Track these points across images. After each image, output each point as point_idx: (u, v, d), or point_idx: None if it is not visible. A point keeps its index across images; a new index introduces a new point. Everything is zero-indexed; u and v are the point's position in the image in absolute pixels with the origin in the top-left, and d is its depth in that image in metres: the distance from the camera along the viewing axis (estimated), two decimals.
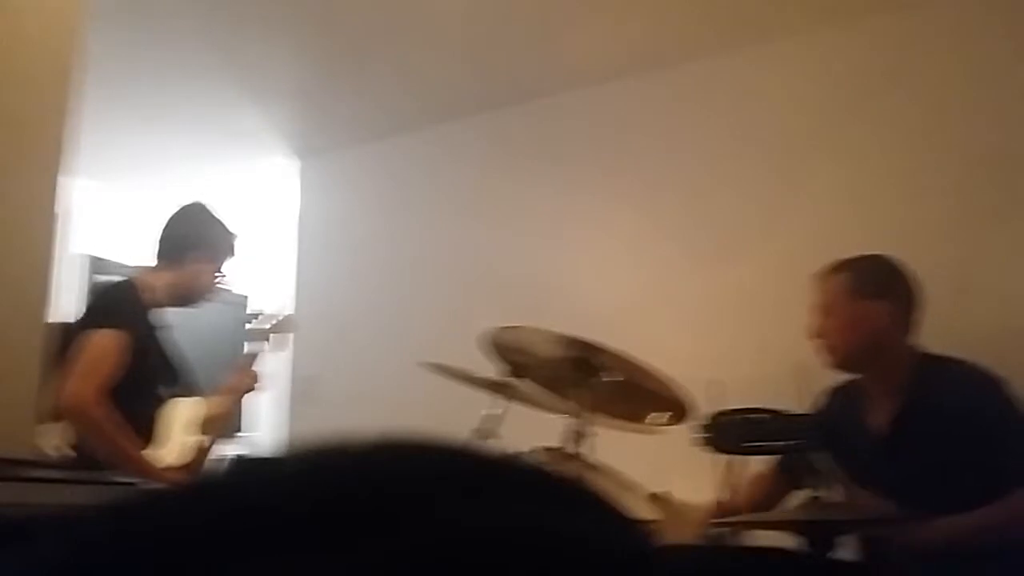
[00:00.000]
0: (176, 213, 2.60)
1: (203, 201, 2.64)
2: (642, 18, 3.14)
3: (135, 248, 4.22)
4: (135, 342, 2.33)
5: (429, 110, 3.85)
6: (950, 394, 2.05)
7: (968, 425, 1.99)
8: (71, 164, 1.99)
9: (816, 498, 1.78)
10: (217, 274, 2.61)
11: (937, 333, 2.37)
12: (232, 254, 2.64)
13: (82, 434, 2.23)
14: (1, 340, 1.82)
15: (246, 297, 4.57)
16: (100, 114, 3.58)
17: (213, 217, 2.61)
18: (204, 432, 2.49)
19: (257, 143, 4.18)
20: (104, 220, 4.47)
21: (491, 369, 2.43)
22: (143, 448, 2.31)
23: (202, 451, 2.46)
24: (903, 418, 2.10)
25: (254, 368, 2.69)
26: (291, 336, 2.93)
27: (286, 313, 2.87)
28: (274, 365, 4.25)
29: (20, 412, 1.85)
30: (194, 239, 2.53)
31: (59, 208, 1.95)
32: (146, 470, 2.24)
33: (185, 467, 2.40)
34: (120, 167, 4.33)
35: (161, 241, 2.55)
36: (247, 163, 4.38)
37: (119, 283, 2.53)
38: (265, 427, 4.25)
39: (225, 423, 2.57)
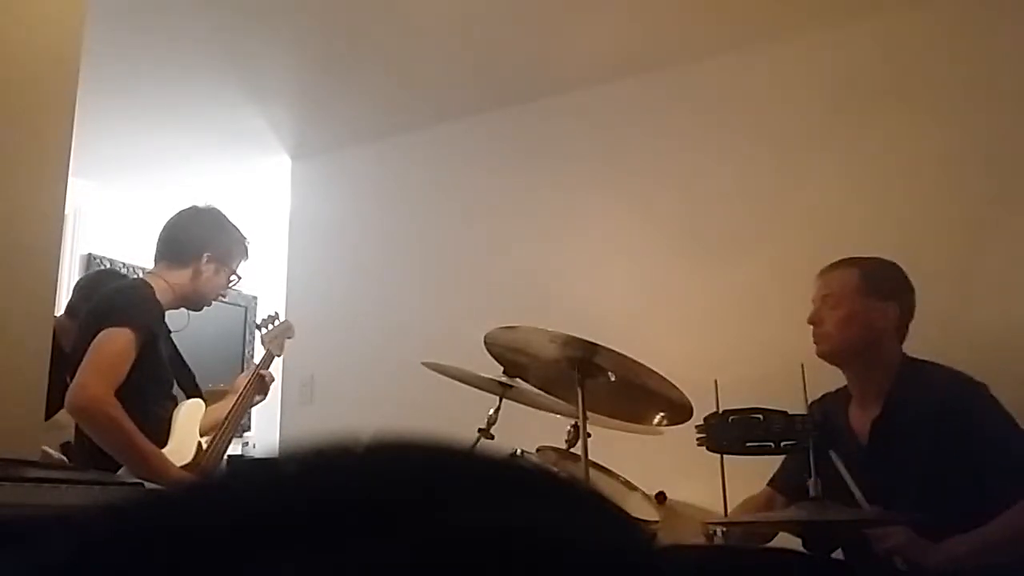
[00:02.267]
0: (187, 216, 2.62)
1: (214, 205, 2.67)
2: (642, 18, 3.14)
3: (134, 248, 4.24)
4: (150, 342, 2.34)
5: (425, 110, 3.84)
6: (928, 398, 2.05)
7: (945, 429, 1.98)
8: (71, 165, 1.99)
9: (816, 498, 1.78)
10: (232, 277, 2.63)
11: (937, 333, 2.37)
12: (246, 257, 2.68)
13: (95, 433, 2.22)
14: (7, 339, 1.82)
15: (255, 298, 4.56)
16: (98, 114, 3.58)
17: (227, 221, 2.64)
18: (215, 433, 2.49)
19: (253, 143, 4.18)
20: (103, 220, 4.47)
21: (490, 369, 2.44)
22: (159, 448, 2.31)
23: (213, 452, 2.46)
24: (882, 423, 2.11)
25: (268, 372, 2.71)
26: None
27: (284, 318, 2.91)
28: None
29: (26, 411, 1.85)
30: (209, 242, 2.55)
31: (67, 209, 1.95)
32: (163, 469, 2.23)
33: (196, 468, 2.40)
34: (118, 167, 4.33)
35: (173, 244, 2.56)
36: (244, 163, 4.38)
37: (134, 283, 2.53)
38: (261, 428, 4.26)
39: (235, 425, 2.57)
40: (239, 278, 2.66)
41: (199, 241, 2.54)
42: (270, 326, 2.84)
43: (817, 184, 3.10)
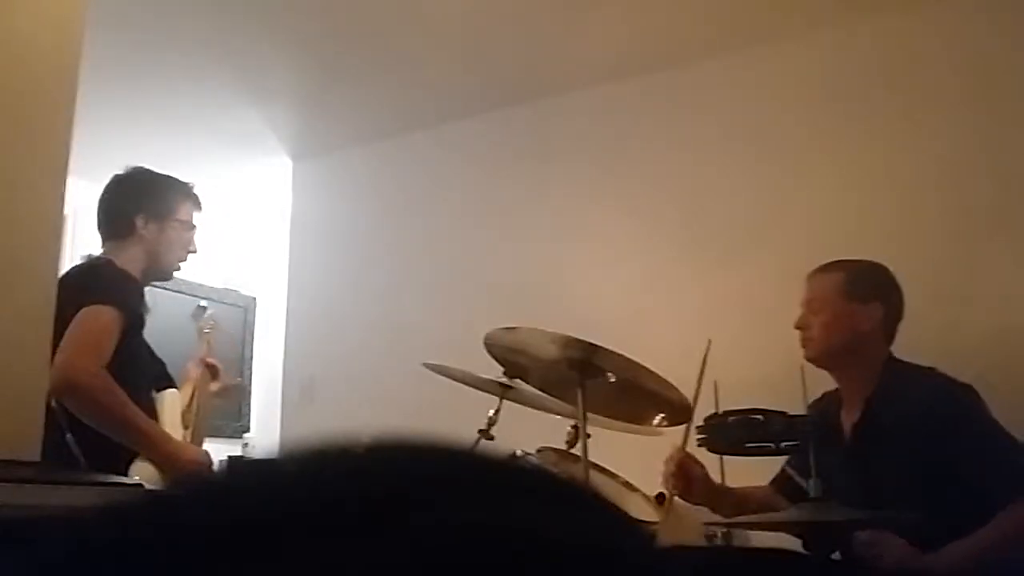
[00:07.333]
0: (110, 188, 2.38)
1: (140, 165, 2.42)
2: (642, 18, 3.14)
3: None
4: (134, 325, 2.19)
5: (425, 111, 3.85)
6: (911, 400, 2.04)
7: (927, 430, 1.97)
8: (71, 165, 1.99)
9: (816, 498, 1.78)
10: (184, 229, 2.37)
11: (935, 336, 2.37)
12: (195, 203, 2.41)
13: (89, 408, 2.06)
14: (7, 340, 1.81)
15: (255, 299, 4.54)
16: (98, 115, 3.57)
17: (155, 174, 2.39)
18: (184, 426, 2.43)
19: (253, 144, 4.18)
20: None
21: (490, 370, 2.43)
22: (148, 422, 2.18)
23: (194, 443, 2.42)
24: (864, 424, 2.10)
25: (208, 361, 2.58)
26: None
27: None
28: (270, 367, 4.26)
29: (26, 413, 1.84)
30: (140, 203, 2.31)
31: (68, 210, 1.95)
32: (157, 440, 2.14)
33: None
34: (118, 167, 4.32)
35: (105, 221, 2.33)
36: (243, 164, 4.38)
37: (102, 263, 2.30)
38: (262, 428, 4.25)
39: (201, 418, 2.46)
40: (195, 227, 2.39)
41: (128, 206, 2.31)
42: (201, 318, 2.76)
43: (816, 185, 3.10)
